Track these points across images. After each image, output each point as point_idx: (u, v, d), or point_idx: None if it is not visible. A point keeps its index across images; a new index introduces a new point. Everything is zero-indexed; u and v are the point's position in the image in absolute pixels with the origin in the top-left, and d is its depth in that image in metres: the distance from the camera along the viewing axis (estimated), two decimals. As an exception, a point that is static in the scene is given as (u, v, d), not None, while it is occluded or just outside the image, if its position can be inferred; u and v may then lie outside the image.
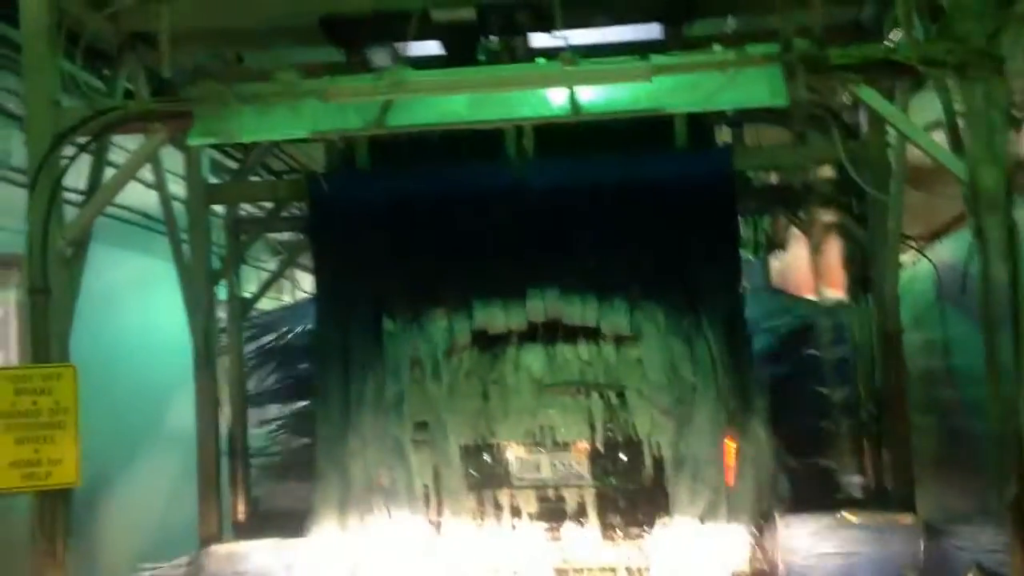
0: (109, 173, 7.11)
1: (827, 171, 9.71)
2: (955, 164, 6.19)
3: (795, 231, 12.96)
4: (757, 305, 9.26)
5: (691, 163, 7.51)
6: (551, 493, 7.33)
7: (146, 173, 8.19)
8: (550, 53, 6.61)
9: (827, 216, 9.81)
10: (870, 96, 6.25)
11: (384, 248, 7.72)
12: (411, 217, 7.69)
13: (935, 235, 9.00)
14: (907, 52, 6.08)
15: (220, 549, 7.96)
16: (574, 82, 6.14)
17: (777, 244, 15.07)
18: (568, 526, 7.32)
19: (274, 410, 10.09)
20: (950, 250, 8.90)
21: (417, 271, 7.75)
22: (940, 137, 6.65)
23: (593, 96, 6.24)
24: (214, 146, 9.84)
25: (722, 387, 7.41)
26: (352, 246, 7.78)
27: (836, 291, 10.07)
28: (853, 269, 9.25)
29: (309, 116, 6.27)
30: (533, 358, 7.59)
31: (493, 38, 7.03)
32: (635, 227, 7.62)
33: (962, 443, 9.17)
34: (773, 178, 10.74)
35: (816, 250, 9.70)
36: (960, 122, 6.37)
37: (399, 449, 7.45)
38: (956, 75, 5.96)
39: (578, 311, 7.60)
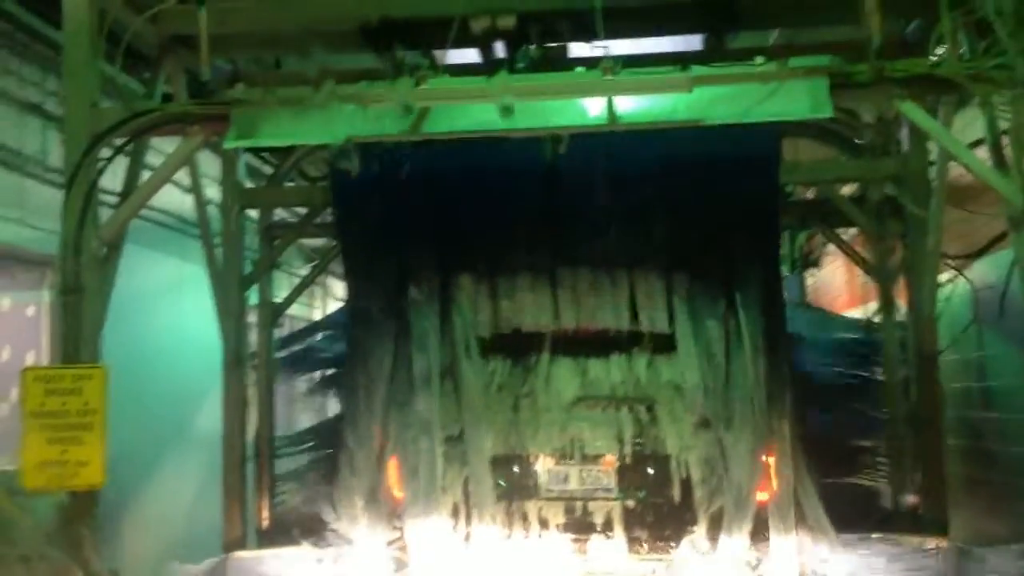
0: (145, 175, 7.12)
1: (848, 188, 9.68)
2: (1000, 182, 6.07)
3: (831, 248, 12.94)
4: (793, 321, 9.15)
5: (737, 137, 7.03)
6: (579, 505, 7.31)
7: (182, 176, 8.17)
8: (589, 63, 6.51)
9: (866, 233, 9.76)
10: (914, 112, 6.15)
11: (410, 221, 7.68)
12: (438, 191, 7.61)
13: (973, 255, 8.83)
14: (953, 68, 5.98)
15: (243, 555, 7.94)
16: (613, 91, 6.07)
17: (812, 261, 15.01)
18: (595, 539, 7.27)
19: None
20: (988, 270, 8.77)
21: (445, 245, 7.71)
22: (982, 155, 6.55)
23: (631, 106, 6.17)
24: (250, 150, 9.89)
25: (760, 402, 7.29)
26: (377, 218, 7.72)
27: (872, 309, 9.98)
28: (891, 287, 9.12)
29: (345, 121, 6.24)
30: (564, 371, 7.55)
31: (532, 47, 6.91)
32: (674, 208, 7.52)
33: (997, 466, 9.07)
34: (810, 193, 10.69)
35: (854, 266, 9.60)
36: (1005, 140, 6.29)
37: (428, 449, 7.43)
38: (1003, 91, 5.84)
39: (609, 302, 7.55)
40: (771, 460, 7.24)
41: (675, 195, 7.52)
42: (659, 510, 7.28)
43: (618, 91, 6.06)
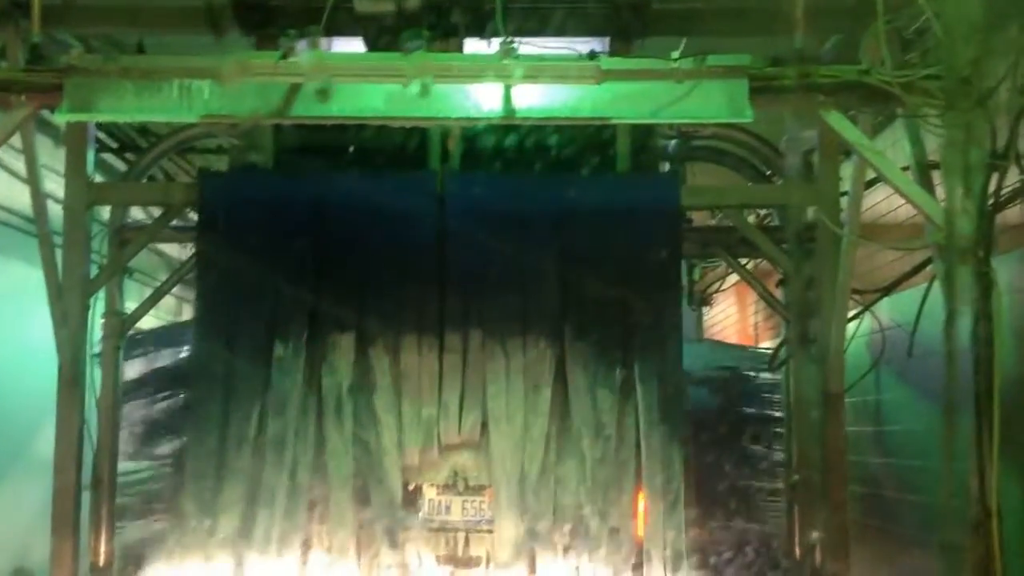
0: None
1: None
2: (929, 205, 5.56)
3: (728, 281, 12.58)
4: (689, 355, 8.68)
5: (636, 187, 6.87)
6: (460, 536, 7.13)
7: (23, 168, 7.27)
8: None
9: (767, 263, 9.33)
10: (840, 123, 5.64)
11: (282, 259, 7.00)
12: (317, 226, 6.98)
13: (883, 290, 8.43)
14: (884, 76, 5.47)
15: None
16: (513, 78, 5.40)
17: (704, 299, 14.67)
18: (475, 572, 7.05)
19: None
20: (891, 310, 8.39)
21: (319, 291, 7.05)
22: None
23: (531, 99, 5.53)
24: (104, 148, 9.03)
25: (643, 439, 7.04)
26: (245, 253, 6.98)
27: (770, 345, 9.58)
28: (794, 323, 8.62)
29: (202, 99, 5.43)
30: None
31: (425, 32, 6.24)
32: (570, 256, 7.05)
33: (891, 514, 8.73)
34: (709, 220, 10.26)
35: (747, 304, 9.19)
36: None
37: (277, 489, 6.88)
38: (938, 106, 5.34)
39: (501, 360, 7.07)
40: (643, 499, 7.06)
41: (570, 248, 7.10)
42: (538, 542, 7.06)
43: (518, 78, 5.39)
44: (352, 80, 5.43)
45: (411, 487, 7.11)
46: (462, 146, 6.85)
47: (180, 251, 10.94)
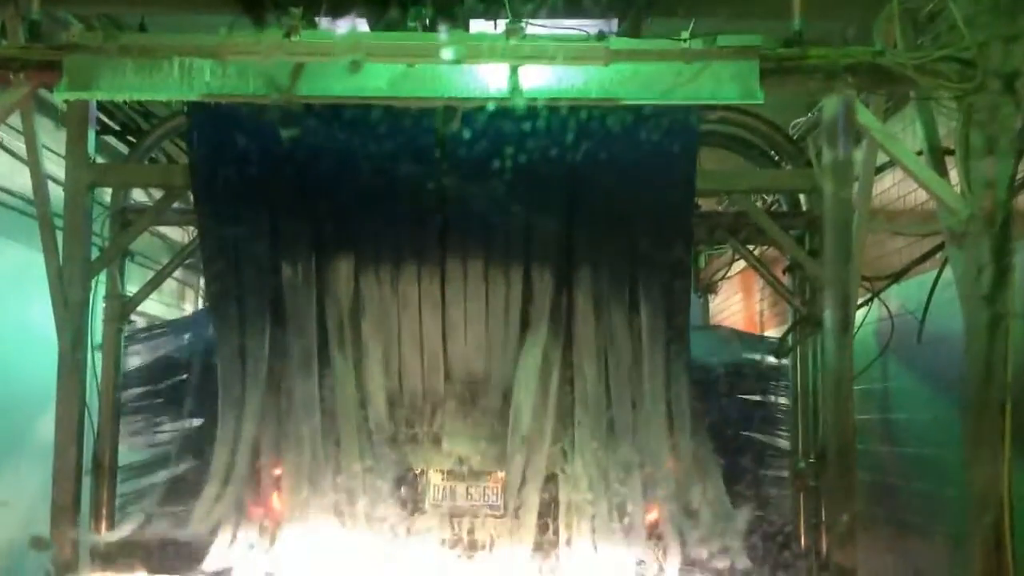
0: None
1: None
2: (943, 190, 5.45)
3: (734, 268, 12.45)
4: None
5: (652, 118, 6.59)
6: (466, 521, 7.11)
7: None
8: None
9: (773, 250, 9.22)
10: (853, 106, 5.52)
11: (282, 193, 6.97)
12: (314, 160, 6.84)
13: (893, 277, 8.35)
14: (899, 57, 5.35)
15: (71, 584, 6.95)
16: (519, 59, 5.29)
17: (710, 286, 14.55)
18: (482, 555, 7.02)
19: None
20: (901, 297, 8.35)
21: (321, 227, 7.05)
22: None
23: (538, 80, 5.42)
24: (106, 130, 8.93)
25: (646, 358, 7.05)
26: (243, 182, 6.92)
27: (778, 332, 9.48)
28: (802, 309, 8.52)
29: (203, 78, 5.33)
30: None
31: (428, 11, 6.15)
32: (580, 186, 6.96)
33: (897, 503, 8.68)
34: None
35: (752, 292, 9.08)
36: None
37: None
38: (957, 88, 5.22)
39: (502, 302, 7.01)
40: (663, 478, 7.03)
41: (582, 175, 6.94)
42: (545, 527, 7.09)
43: (524, 58, 5.28)
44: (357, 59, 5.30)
45: (417, 472, 7.10)
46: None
47: (182, 234, 10.87)
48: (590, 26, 7.11)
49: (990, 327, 5.39)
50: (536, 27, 6.81)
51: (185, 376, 8.58)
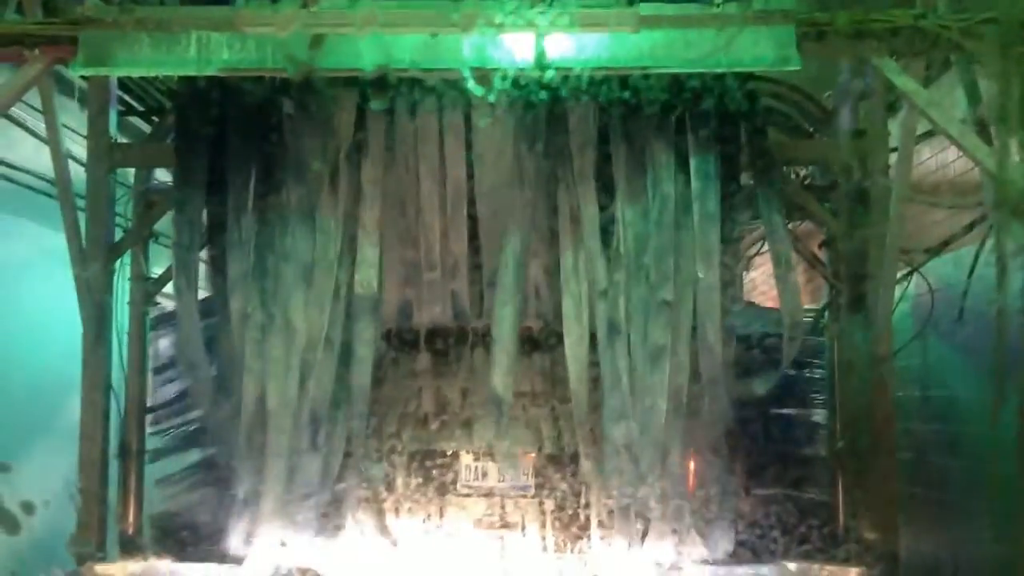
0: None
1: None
2: (990, 161, 5.23)
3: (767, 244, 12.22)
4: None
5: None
6: (497, 502, 7.11)
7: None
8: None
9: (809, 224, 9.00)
10: (894, 71, 5.30)
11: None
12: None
13: (933, 251, 8.14)
14: (941, 20, 5.14)
15: (100, 568, 6.94)
16: (544, 28, 5.11)
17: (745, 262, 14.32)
18: (512, 536, 7.00)
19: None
20: (940, 272, 8.14)
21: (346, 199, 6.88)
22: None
23: (565, 49, 5.24)
24: (128, 110, 8.83)
25: (687, 397, 6.89)
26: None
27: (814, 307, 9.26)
28: (840, 284, 8.30)
29: (220, 52, 5.20)
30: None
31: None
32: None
33: (936, 481, 8.55)
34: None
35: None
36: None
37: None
38: (1003, 52, 5.00)
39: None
40: (694, 461, 7.00)
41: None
42: (576, 509, 7.04)
43: (550, 27, 5.10)
44: (379, 30, 5.16)
45: (449, 453, 7.11)
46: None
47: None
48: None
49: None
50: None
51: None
